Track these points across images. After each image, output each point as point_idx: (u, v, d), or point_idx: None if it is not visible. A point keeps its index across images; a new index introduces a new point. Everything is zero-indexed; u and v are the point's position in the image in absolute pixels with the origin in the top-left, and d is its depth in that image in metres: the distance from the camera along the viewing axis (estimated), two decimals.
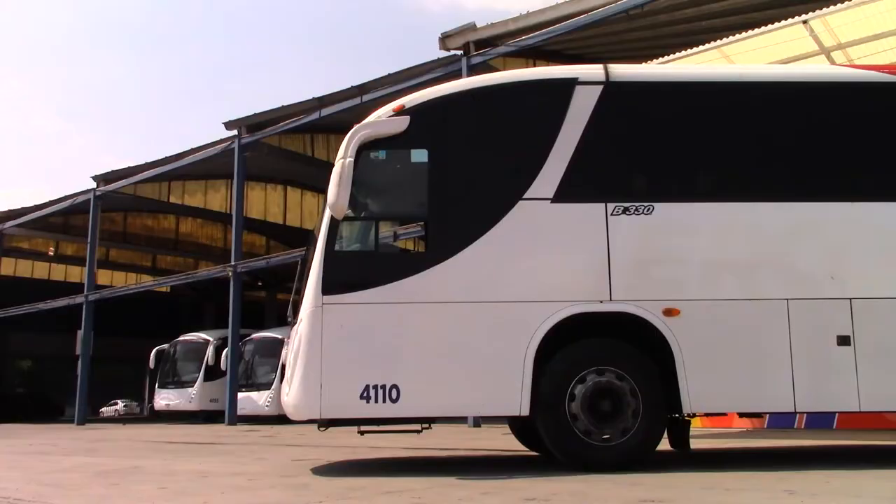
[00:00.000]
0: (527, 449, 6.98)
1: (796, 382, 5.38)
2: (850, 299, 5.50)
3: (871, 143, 5.92)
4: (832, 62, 10.51)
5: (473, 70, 15.43)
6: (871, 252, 5.64)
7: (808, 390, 5.39)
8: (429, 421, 5.67)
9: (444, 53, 16.44)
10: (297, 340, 5.47)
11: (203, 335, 24.16)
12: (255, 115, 20.38)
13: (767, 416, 10.21)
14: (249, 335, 21.82)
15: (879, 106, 5.95)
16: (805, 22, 10.04)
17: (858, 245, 5.65)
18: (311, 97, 19.14)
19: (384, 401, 5.18)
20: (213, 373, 22.39)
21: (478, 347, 5.30)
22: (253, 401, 20.38)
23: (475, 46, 15.99)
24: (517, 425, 6.98)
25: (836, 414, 10.07)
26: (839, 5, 9.90)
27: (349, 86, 18.10)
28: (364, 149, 5.54)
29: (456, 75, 15.13)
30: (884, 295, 5.53)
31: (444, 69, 16.24)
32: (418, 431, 5.81)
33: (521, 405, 5.19)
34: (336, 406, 5.25)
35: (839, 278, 5.54)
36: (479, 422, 13.85)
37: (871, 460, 6.07)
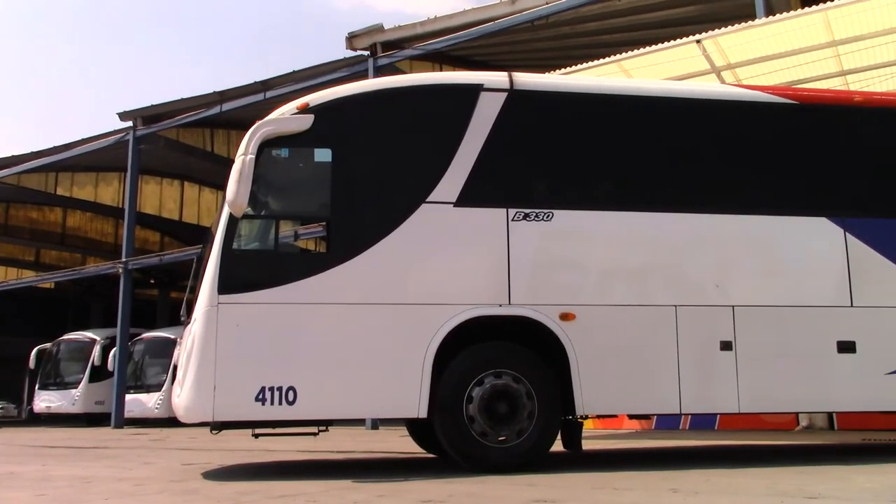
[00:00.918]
0: (424, 451, 7.01)
1: (682, 385, 5.63)
2: (733, 307, 5.80)
3: (755, 159, 6.26)
4: (722, 81, 11.04)
5: (380, 71, 15.40)
6: (752, 262, 5.97)
7: (693, 393, 5.66)
8: (326, 423, 5.61)
9: (350, 53, 16.34)
10: (191, 340, 5.31)
11: (89, 334, 23.03)
12: (152, 106, 19.65)
13: (655, 417, 10.62)
14: (140, 335, 21.00)
15: (764, 124, 6.31)
16: (698, 42, 10.52)
17: (741, 255, 5.97)
18: (212, 91, 18.64)
19: (280, 403, 5.09)
20: (99, 373, 21.36)
21: (377, 349, 5.28)
22: (142, 403, 19.60)
23: (382, 48, 15.96)
24: (415, 427, 7.00)
25: (718, 415, 10.59)
26: (730, 27, 10.44)
27: (252, 81, 17.73)
28: (266, 146, 5.44)
29: (362, 76, 15.06)
30: (763, 303, 5.86)
31: (349, 69, 16.14)
32: (315, 434, 5.74)
33: (419, 407, 5.20)
34: (230, 408, 5.12)
35: (723, 287, 5.84)
36: (376, 424, 13.81)
37: (749, 459, 6.41)
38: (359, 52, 16.21)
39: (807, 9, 10.39)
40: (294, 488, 4.60)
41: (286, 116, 5.58)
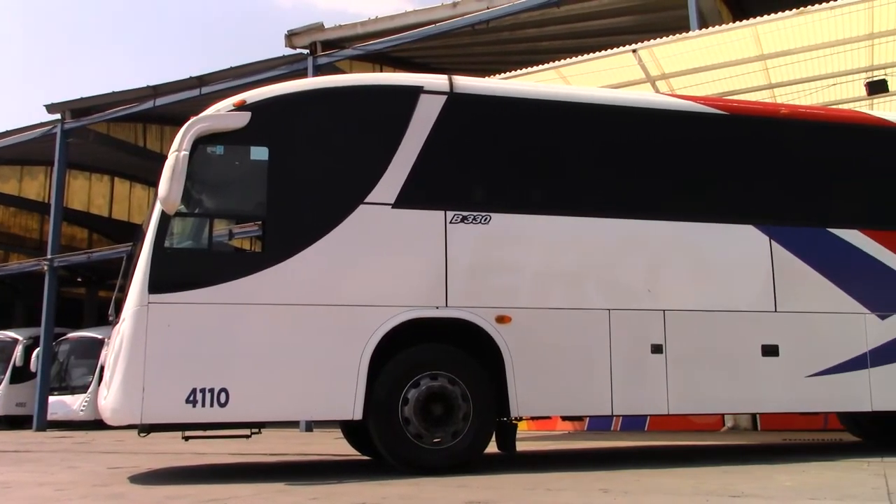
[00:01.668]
0: (359, 453, 6.97)
1: (614, 387, 5.75)
2: (664, 311, 5.94)
3: (687, 167, 6.44)
4: (657, 90, 11.31)
5: (319, 70, 15.27)
6: (682, 267, 6.14)
7: (625, 395, 5.77)
8: (259, 426, 5.53)
9: (290, 51, 16.16)
10: (119, 340, 5.17)
11: (11, 333, 22.13)
12: (82, 99, 19.02)
13: (587, 419, 10.81)
14: (65, 334, 20.31)
15: (695, 133, 6.49)
16: (634, 51, 10.76)
17: (672, 261, 6.12)
18: (145, 84, 18.17)
19: (212, 405, 4.99)
20: (21, 374, 20.54)
21: (312, 351, 5.23)
22: (66, 405, 18.93)
23: (322, 47, 15.83)
24: (350, 430, 6.95)
25: (648, 417, 10.83)
26: (665, 38, 10.71)
27: (188, 76, 17.35)
28: (200, 142, 5.33)
29: (301, 74, 14.92)
30: (692, 307, 6.03)
31: (288, 67, 15.96)
32: (247, 437, 5.65)
33: (354, 409, 5.17)
34: (159, 410, 5.00)
35: (655, 291, 5.98)
36: (311, 426, 13.67)
37: (677, 459, 6.57)
38: (298, 51, 16.05)
39: (738, 23, 10.75)
40: (225, 492, 4.52)
41: (222, 113, 5.48)
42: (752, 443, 9.02)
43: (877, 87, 10.93)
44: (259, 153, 5.53)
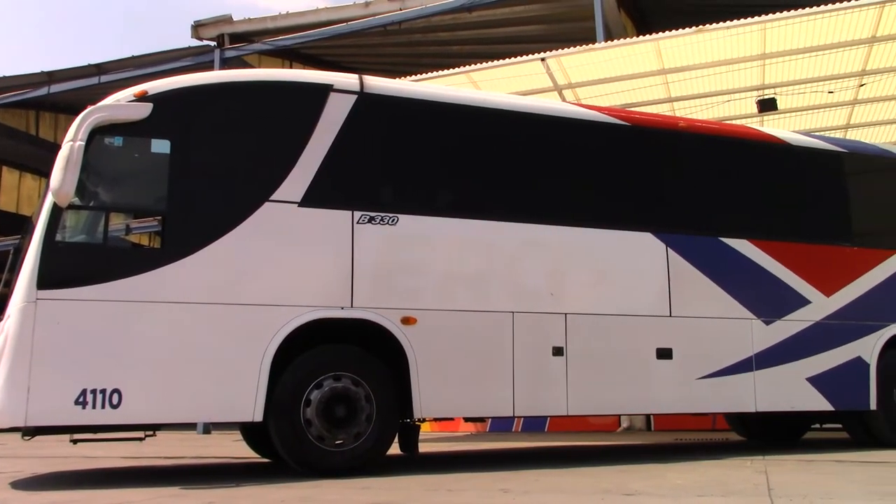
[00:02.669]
0: (259, 456, 6.83)
1: (516, 389, 5.84)
2: (566, 314, 6.09)
3: (590, 174, 6.63)
4: (563, 98, 11.60)
5: (226, 64, 14.92)
6: (583, 272, 6.30)
7: (526, 396, 5.88)
8: (153, 428, 5.34)
9: (196, 42, 15.72)
10: (4, 338, 4.88)
11: None
12: None
13: (490, 420, 10.95)
14: None
15: (598, 142, 6.68)
16: (543, 59, 11.02)
17: (574, 265, 6.28)
18: (39, 70, 17.31)
19: (103, 406, 4.78)
20: None
21: (212, 351, 5.09)
22: None
23: (230, 39, 15.49)
24: (249, 431, 6.80)
25: (548, 418, 11.08)
26: (572, 49, 11.01)
27: (86, 63, 16.63)
28: (97, 133, 5.11)
29: (207, 67, 14.53)
30: (592, 311, 6.20)
31: (194, 59, 15.53)
32: (141, 439, 5.46)
33: (254, 411, 5.07)
34: (45, 412, 4.75)
35: (557, 295, 6.12)
36: (209, 428, 13.30)
37: (576, 459, 6.74)
38: (205, 43, 15.63)
39: (641, 37, 11.16)
40: (116, 497, 4.34)
41: (122, 103, 5.26)
42: (646, 443, 9.34)
43: (767, 105, 11.57)
44: (160, 146, 5.35)
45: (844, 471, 5.32)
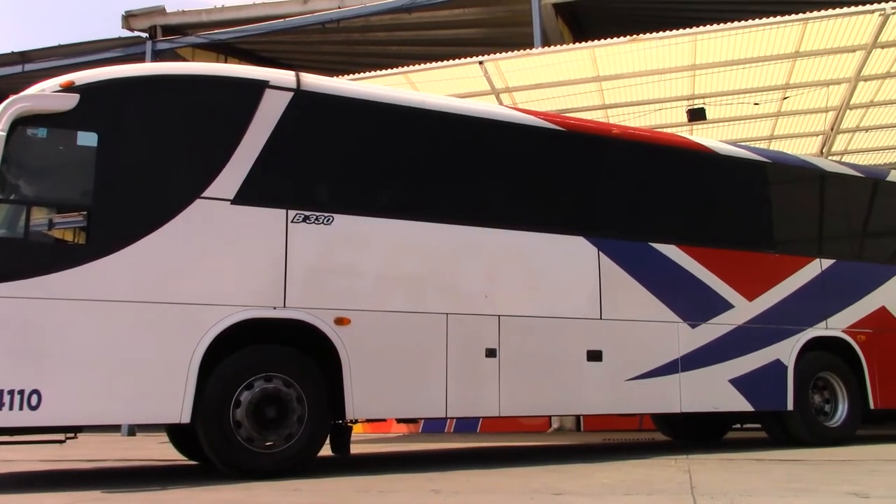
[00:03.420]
0: (186, 458, 6.68)
1: (449, 390, 5.87)
2: (499, 316, 6.15)
3: (524, 178, 6.70)
4: (500, 102, 11.70)
5: (158, 56, 14.57)
6: (517, 275, 6.37)
7: (459, 397, 5.91)
8: (75, 430, 5.17)
9: (127, 33, 15.29)
10: None
11: None
12: None
13: (422, 421, 10.96)
14: None
15: (533, 146, 6.76)
16: (481, 63, 11.11)
17: (508, 268, 6.34)
18: None
19: (21, 408, 4.60)
20: None
21: (137, 350, 4.95)
22: None
23: (163, 31, 15.13)
24: (176, 433, 6.64)
25: (480, 419, 11.16)
26: (510, 53, 11.13)
27: (9, 51, 15.97)
28: (20, 123, 4.93)
29: (138, 59, 14.16)
30: (525, 313, 6.28)
31: (124, 50, 15.09)
32: (61, 441, 5.27)
33: (182, 412, 4.96)
34: None
35: (491, 297, 6.17)
36: (133, 430, 12.96)
37: (507, 460, 6.81)
38: (136, 34, 15.22)
39: (577, 44, 11.36)
40: (34, 501, 4.19)
41: (47, 93, 5.08)
42: (575, 443, 9.51)
43: (696, 115, 11.92)
44: (87, 139, 5.18)
45: (763, 469, 5.51)
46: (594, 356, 6.51)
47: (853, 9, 9.95)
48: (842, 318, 7.89)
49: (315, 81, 5.96)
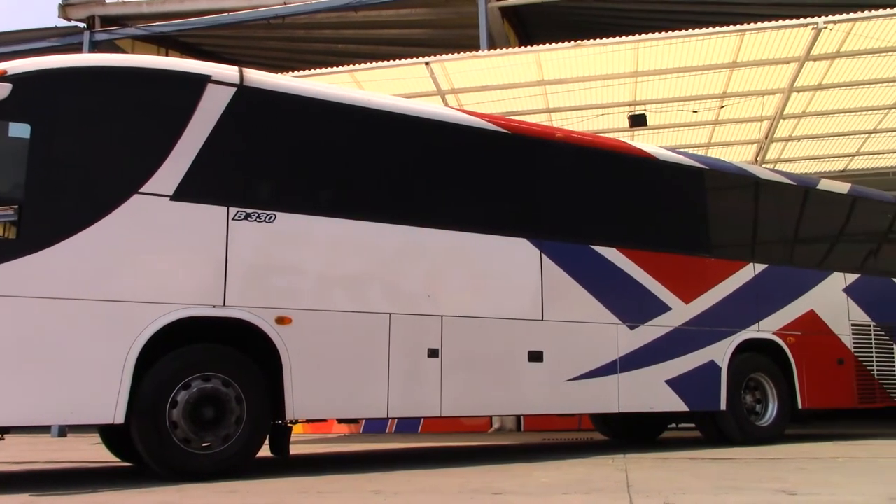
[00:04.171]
0: (119, 460, 6.52)
1: (391, 390, 5.86)
2: (442, 316, 6.16)
3: (469, 179, 6.74)
4: (446, 103, 11.74)
5: (97, 47, 14.19)
6: (460, 275, 6.40)
7: (400, 398, 5.91)
8: (2, 431, 5.00)
9: (64, 23, 14.84)
10: None
11: None
12: None
13: (363, 421, 10.92)
14: None
15: (478, 148, 6.80)
16: (427, 63, 11.13)
17: (451, 269, 6.36)
18: None
19: None
20: None
21: (70, 349, 4.80)
22: None
23: (101, 22, 14.75)
24: (109, 434, 6.47)
25: (422, 419, 11.17)
26: (456, 55, 11.19)
27: None
28: None
29: (75, 49, 13.78)
30: (468, 314, 6.31)
31: (61, 40, 14.66)
32: None
33: (115, 412, 4.83)
34: None
35: (434, 297, 6.18)
36: (64, 431, 12.59)
37: (447, 460, 6.83)
38: (74, 23, 14.78)
39: (523, 48, 11.48)
40: None
41: None
42: (515, 443, 9.59)
43: (637, 121, 12.18)
44: (19, 130, 5.00)
45: (696, 467, 5.65)
46: (535, 357, 6.58)
47: (788, 22, 10.29)
48: (773, 320, 8.15)
49: (259, 77, 5.88)
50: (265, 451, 5.61)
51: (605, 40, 10.64)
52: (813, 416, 10.57)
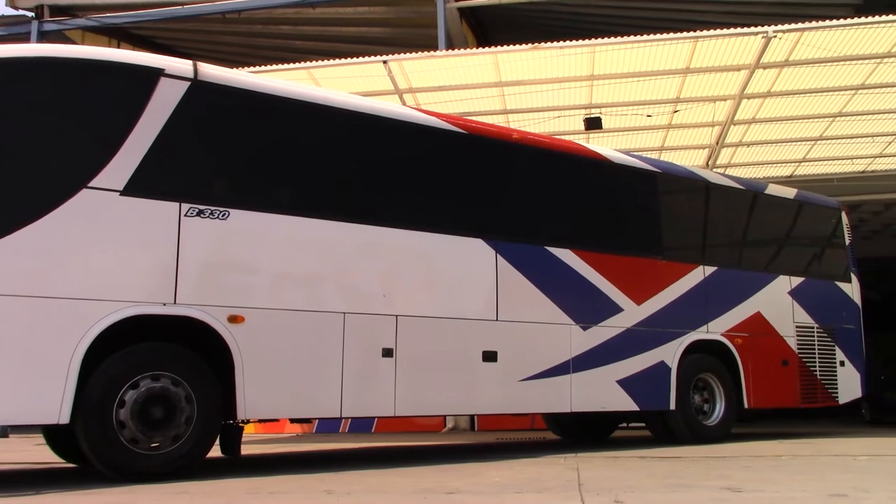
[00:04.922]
0: (64, 461, 6.37)
1: (344, 390, 5.83)
2: (397, 316, 6.16)
3: (425, 179, 6.74)
4: (403, 102, 11.71)
5: (45, 38, 13.84)
6: (415, 275, 6.40)
7: (354, 397, 5.89)
8: None
9: (11, 12, 14.44)
10: None
11: None
12: None
13: (316, 421, 10.85)
14: None
15: (435, 148, 6.81)
16: (385, 62, 11.09)
17: (406, 268, 6.36)
18: None
19: None
20: None
21: (12, 348, 4.66)
22: None
23: (50, 12, 14.37)
24: (54, 434, 6.31)
25: (376, 419, 11.14)
26: (414, 54, 11.17)
27: None
28: None
29: (23, 39, 13.42)
30: (423, 314, 6.31)
31: (7, 29, 14.28)
32: None
33: (60, 413, 4.71)
34: None
35: (389, 296, 6.17)
36: (6, 431, 12.25)
37: (401, 459, 6.82)
38: (21, 13, 14.39)
39: (481, 49, 11.52)
40: None
41: None
42: (469, 442, 9.63)
43: (593, 124, 12.31)
44: None
45: (646, 466, 5.75)
46: (489, 357, 6.61)
47: (739, 30, 10.51)
48: (721, 322, 8.33)
49: (213, 72, 5.79)
50: (216, 452, 5.53)
51: (561, 43, 10.73)
52: (758, 415, 10.83)
